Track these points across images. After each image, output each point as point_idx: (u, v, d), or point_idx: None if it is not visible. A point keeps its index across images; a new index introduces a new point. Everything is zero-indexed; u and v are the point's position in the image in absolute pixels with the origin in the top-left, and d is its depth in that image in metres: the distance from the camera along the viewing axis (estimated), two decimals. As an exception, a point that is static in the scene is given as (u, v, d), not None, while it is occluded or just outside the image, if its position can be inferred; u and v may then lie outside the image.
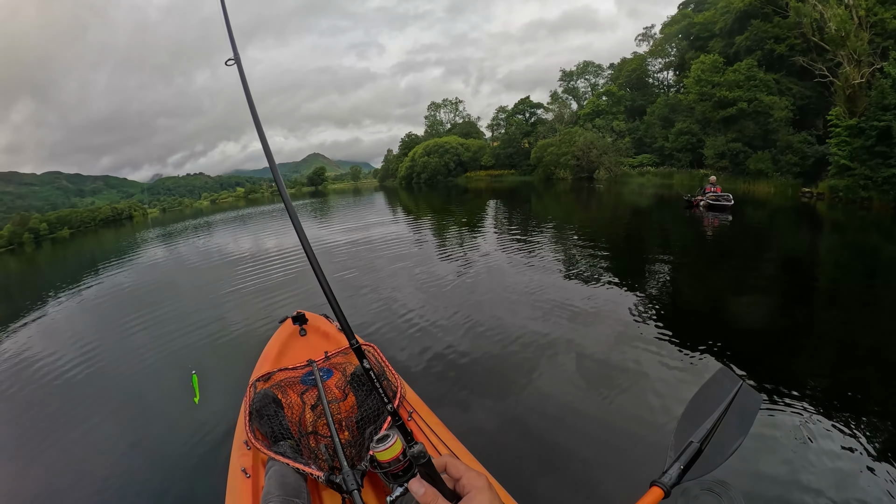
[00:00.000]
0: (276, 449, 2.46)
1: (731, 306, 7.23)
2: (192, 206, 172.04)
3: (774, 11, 32.39)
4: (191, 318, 8.91)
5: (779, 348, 5.52)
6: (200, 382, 4.87)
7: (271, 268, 12.66)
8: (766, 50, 32.96)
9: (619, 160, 46.82)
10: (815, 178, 26.83)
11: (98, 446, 4.80)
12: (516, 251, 11.65)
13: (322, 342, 4.29)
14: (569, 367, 5.16)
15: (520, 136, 68.70)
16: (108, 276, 17.81)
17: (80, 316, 11.49)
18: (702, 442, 1.53)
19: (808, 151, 29.16)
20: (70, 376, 7.02)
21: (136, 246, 29.97)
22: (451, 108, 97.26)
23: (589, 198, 29.52)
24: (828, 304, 7.50)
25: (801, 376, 4.75)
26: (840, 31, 24.02)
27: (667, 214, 20.02)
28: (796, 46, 30.75)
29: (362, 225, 21.40)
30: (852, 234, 14.78)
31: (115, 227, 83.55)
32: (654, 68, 54.98)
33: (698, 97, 36.13)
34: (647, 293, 7.76)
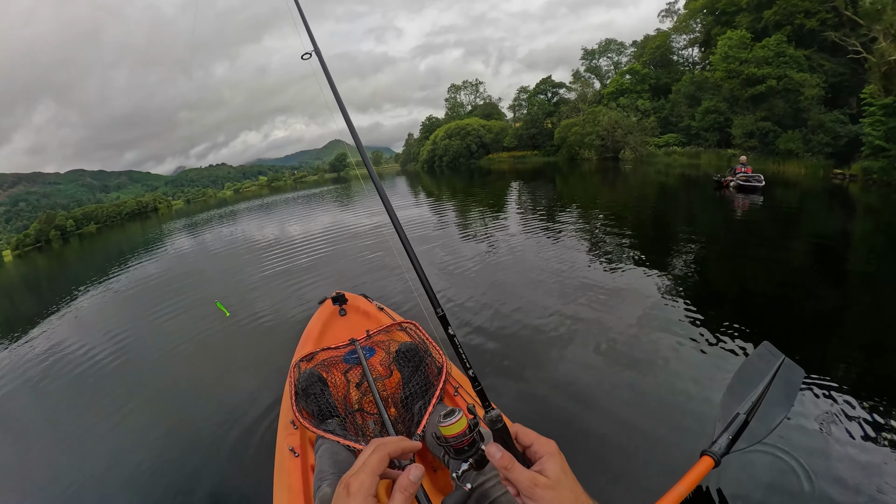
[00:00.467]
0: (324, 427, 2.46)
1: (762, 288, 7.13)
2: (215, 196, 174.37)
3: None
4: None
5: (808, 332, 5.44)
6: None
7: (300, 252, 12.93)
8: (795, 25, 31.80)
9: (645, 140, 46.06)
10: (847, 160, 26.03)
11: (135, 433, 4.93)
12: (541, 232, 11.63)
13: (363, 321, 4.32)
14: (603, 346, 5.15)
15: (542, 116, 67.88)
16: (136, 267, 18.24)
17: (111, 307, 11.87)
18: (748, 414, 1.67)
19: (841, 131, 28.19)
20: (103, 365, 7.30)
21: (162, 237, 30.54)
22: (472, 90, 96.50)
23: (615, 178, 29.10)
24: (860, 289, 7.29)
25: (830, 361, 4.68)
26: (876, 5, 23.16)
27: (694, 195, 19.63)
28: (828, 21, 29.77)
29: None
30: (887, 217, 14.41)
31: (141, 220, 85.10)
32: (678, 45, 53.42)
33: (725, 74, 35.22)
34: (676, 274, 7.73)
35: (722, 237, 10.90)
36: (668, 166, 35.35)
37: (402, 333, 3.45)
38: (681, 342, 5.03)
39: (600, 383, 4.42)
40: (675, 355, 4.76)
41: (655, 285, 7.08)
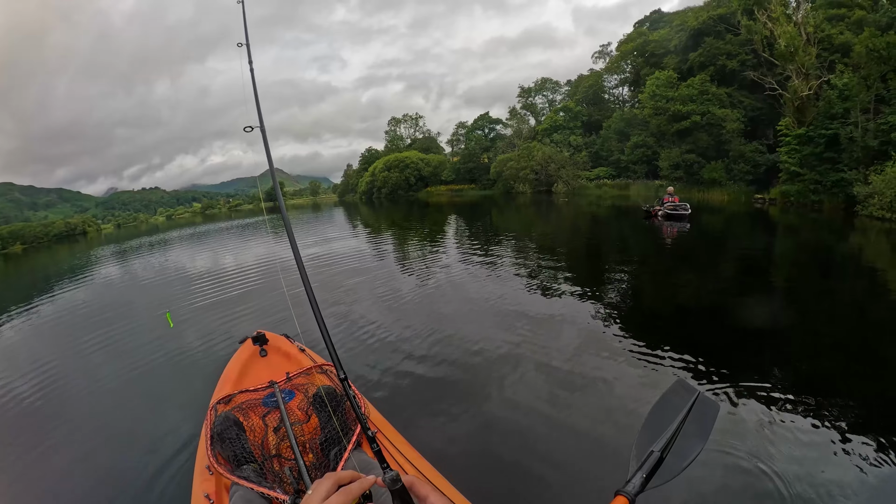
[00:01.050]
0: (239, 473, 2.36)
1: (692, 311, 7.33)
2: (147, 221, 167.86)
3: (727, 29, 34.10)
4: (148, 337, 8.47)
5: (742, 347, 5.60)
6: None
7: (228, 285, 12.14)
8: (718, 65, 34.43)
9: (577, 173, 47.93)
10: (767, 185, 28.13)
11: (54, 471, 4.48)
12: (477, 264, 11.48)
13: (283, 362, 4.20)
14: (531, 379, 5.01)
15: (479, 151, 69.56)
16: (62, 294, 17.00)
17: (34, 336, 10.77)
18: (662, 451, 1.52)
19: (760, 160, 30.65)
20: (22, 398, 6.56)
21: (90, 263, 28.71)
22: (412, 123, 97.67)
23: (548, 210, 29.74)
24: (787, 301, 7.73)
25: (765, 371, 4.81)
26: (789, 47, 25.30)
27: (625, 225, 20.27)
28: (747, 62, 32.45)
29: (321, 240, 20.89)
30: (805, 235, 15.34)
31: (69, 243, 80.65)
32: (610, 84, 56.81)
33: (653, 111, 37.34)
34: (608, 302, 7.73)
35: (651, 263, 11.18)
36: (600, 198, 36.66)
37: (323, 376, 3.35)
38: (610, 372, 5.03)
39: (523, 420, 4.32)
40: (602, 386, 4.74)
41: (588, 313, 7.05)
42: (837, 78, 21.87)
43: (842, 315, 6.81)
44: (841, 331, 6.11)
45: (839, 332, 6.09)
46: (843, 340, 5.74)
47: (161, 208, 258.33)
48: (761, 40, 28.30)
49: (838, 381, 4.66)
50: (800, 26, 26.29)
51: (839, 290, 8.28)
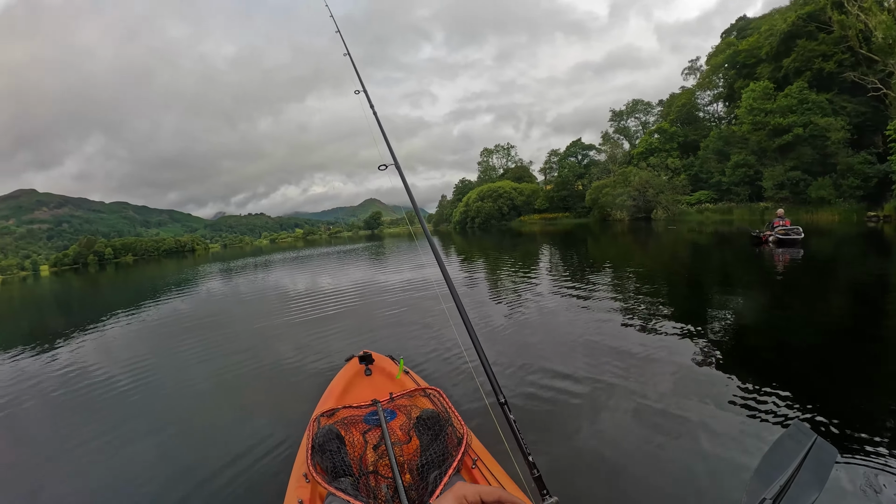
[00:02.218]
0: (336, 485, 2.44)
1: (804, 350, 6.53)
2: (252, 243, 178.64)
3: (818, 28, 31.70)
4: (247, 349, 8.94)
5: (856, 393, 4.95)
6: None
7: (330, 305, 12.52)
8: (814, 69, 32.02)
9: (677, 198, 45.65)
10: (879, 200, 25.46)
11: (139, 463, 4.85)
12: (571, 294, 11.00)
13: (387, 383, 4.30)
14: (625, 416, 4.81)
15: (573, 178, 68.62)
16: (166, 302, 18.33)
17: (136, 336, 11.78)
18: (774, 499, 1.47)
19: (870, 172, 27.75)
20: (119, 390, 7.21)
21: (196, 277, 30.73)
22: (504, 154, 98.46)
23: (647, 238, 28.11)
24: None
25: (878, 421, 4.27)
26: (887, 39, 23.11)
27: (729, 253, 18.56)
28: (845, 62, 29.97)
29: (416, 265, 21.31)
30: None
31: (178, 258, 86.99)
32: (703, 101, 54.32)
33: (752, 127, 35.23)
34: (710, 339, 6.97)
35: (759, 295, 10.09)
36: (701, 224, 34.52)
37: (426, 400, 3.38)
38: (713, 413, 4.70)
39: (621, 457, 4.09)
40: (706, 428, 4.41)
41: (689, 350, 6.54)
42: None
43: None
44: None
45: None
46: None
47: (265, 232, 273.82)
48: (856, 35, 26.22)
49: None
50: (895, 13, 24.17)
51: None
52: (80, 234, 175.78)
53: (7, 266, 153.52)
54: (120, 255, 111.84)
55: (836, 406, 4.58)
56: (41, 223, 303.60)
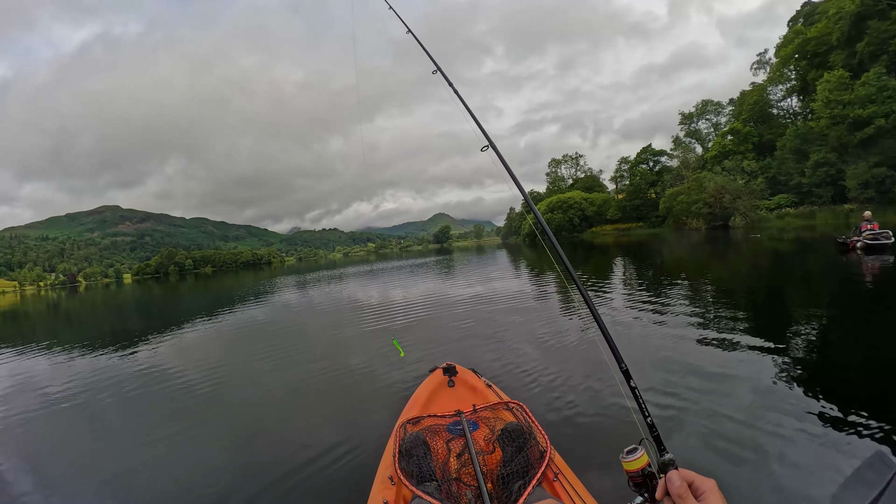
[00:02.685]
0: (422, 488, 2.52)
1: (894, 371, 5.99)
2: (326, 257, 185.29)
3: (889, 6, 29.23)
4: (323, 358, 9.13)
5: None
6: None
7: (406, 317, 12.72)
8: (891, 52, 29.61)
9: (755, 203, 43.02)
10: None
11: (216, 460, 5.06)
12: (645, 309, 10.38)
13: (469, 395, 4.36)
14: (700, 434, 4.58)
15: (645, 186, 66.51)
16: (243, 310, 19.13)
17: (214, 341, 12.36)
18: None
19: None
20: (196, 390, 7.60)
21: (273, 288, 31.89)
22: (572, 163, 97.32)
23: (725, 248, 26.59)
24: None
25: None
26: None
27: (812, 261, 17.06)
28: None
29: (484, 279, 21.26)
30: None
31: (254, 270, 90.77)
32: (775, 97, 51.03)
33: (830, 121, 32.92)
34: (791, 356, 6.47)
35: (846, 309, 9.13)
36: (782, 230, 32.13)
37: (508, 413, 3.43)
38: (791, 435, 4.35)
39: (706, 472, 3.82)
40: (781, 451, 4.09)
41: (768, 367, 6.08)
42: None
43: None
44: None
45: None
46: None
47: (339, 246, 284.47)
48: None
49: None
50: None
51: None
52: (161, 247, 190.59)
53: (91, 273, 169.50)
54: (199, 266, 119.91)
55: None
56: (124, 236, 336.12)
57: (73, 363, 10.80)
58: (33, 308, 42.23)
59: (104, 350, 12.00)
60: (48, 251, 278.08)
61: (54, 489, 4.72)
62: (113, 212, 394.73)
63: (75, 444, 5.91)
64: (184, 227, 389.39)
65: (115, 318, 24.18)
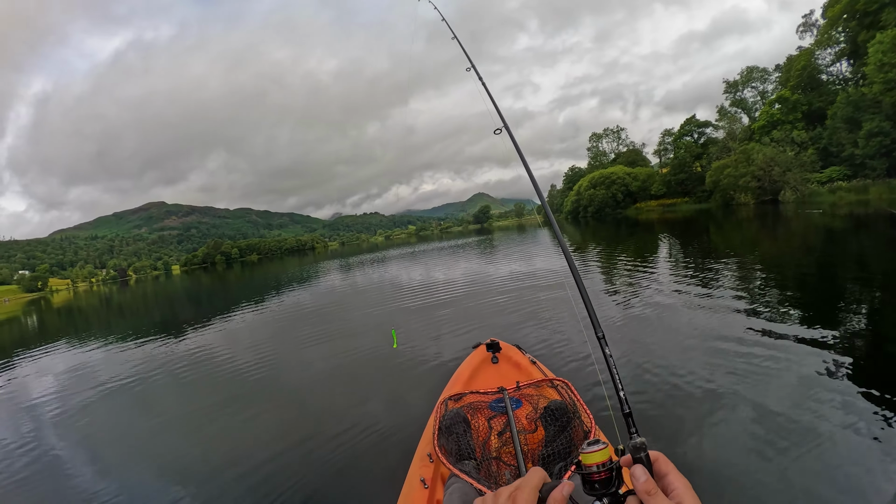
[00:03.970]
0: (460, 467, 2.44)
1: None
2: (367, 240, 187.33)
3: None
4: (366, 337, 9.54)
5: None
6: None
7: (451, 297, 13.00)
8: None
9: (805, 176, 41.15)
10: None
11: (261, 437, 5.32)
12: (691, 290, 10.26)
13: (513, 371, 4.34)
14: (749, 430, 4.37)
15: (690, 159, 64.30)
16: (290, 295, 19.97)
17: (262, 325, 12.99)
18: None
19: None
20: (244, 371, 8.07)
21: (318, 272, 33.13)
22: (614, 137, 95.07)
23: (775, 224, 25.24)
24: None
25: None
26: None
27: (866, 239, 16.03)
28: None
29: (525, 256, 21.69)
30: None
31: (299, 256, 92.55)
32: (824, 62, 48.11)
33: (884, 87, 31.17)
34: (846, 339, 6.22)
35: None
36: (834, 205, 30.53)
37: (553, 391, 3.31)
38: (848, 431, 4.12)
39: (742, 473, 3.77)
40: (837, 445, 3.93)
41: (823, 352, 5.84)
42: None
43: None
44: None
45: None
46: None
47: (380, 230, 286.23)
48: None
49: None
50: None
51: None
52: (207, 238, 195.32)
53: (141, 266, 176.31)
54: (245, 255, 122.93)
55: None
56: (171, 230, 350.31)
57: (127, 353, 11.54)
58: (86, 303, 44.90)
59: (157, 339, 12.83)
60: (98, 249, 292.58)
61: (115, 472, 5.05)
62: (158, 208, 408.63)
63: (133, 430, 6.29)
64: (228, 218, 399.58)
65: (166, 309, 25.67)
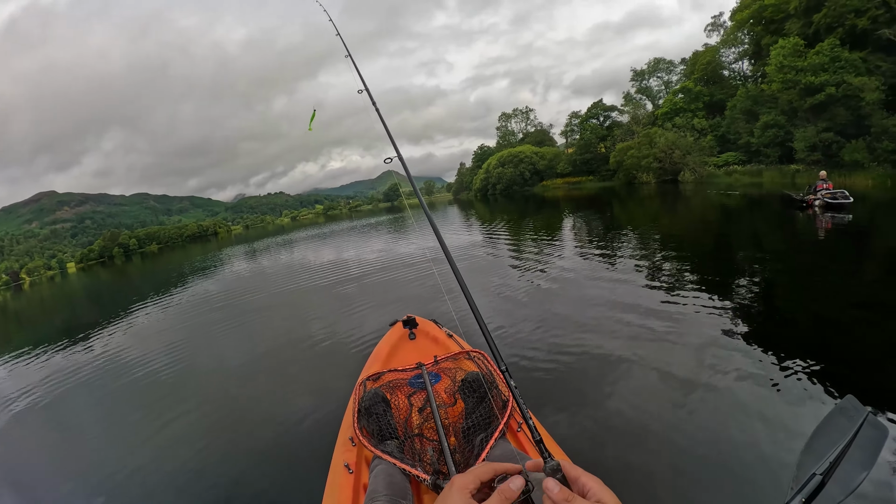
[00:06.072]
0: (382, 448, 2.48)
1: (852, 322, 6.09)
2: (273, 222, 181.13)
3: None
4: (281, 325, 9.34)
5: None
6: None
7: (361, 278, 12.99)
8: (847, 26, 30.80)
9: (704, 160, 44.92)
10: None
11: (184, 438, 5.10)
12: (596, 262, 11.09)
13: (431, 346, 4.33)
14: (661, 382, 4.76)
15: (596, 140, 67.36)
16: (195, 286, 19.02)
17: (170, 321, 12.31)
18: (825, 475, 1.49)
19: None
20: (158, 373, 7.64)
21: (221, 260, 31.64)
22: (523, 118, 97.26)
23: (674, 201, 27.81)
24: None
25: None
26: None
27: (759, 216, 18.08)
28: (880, 18, 28.89)
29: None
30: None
31: (202, 243, 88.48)
32: (728, 59, 52.61)
33: (782, 86, 34.22)
34: (743, 304, 6.97)
35: (796, 262, 9.77)
36: (730, 186, 33.67)
37: (470, 363, 3.35)
38: (748, 382, 4.54)
39: (659, 424, 4.05)
40: (740, 396, 4.31)
41: (720, 317, 6.41)
42: None
43: None
44: None
45: None
46: None
47: (286, 210, 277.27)
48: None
49: None
50: None
51: None
52: (103, 229, 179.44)
53: (34, 268, 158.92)
54: (144, 245, 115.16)
55: (886, 382, 4.43)
56: (64, 223, 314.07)
57: (30, 367, 10.23)
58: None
59: (62, 347, 11.52)
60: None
61: (28, 498, 4.73)
62: (50, 198, 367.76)
63: (46, 451, 5.81)
64: (125, 206, 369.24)
65: (68, 313, 23.31)
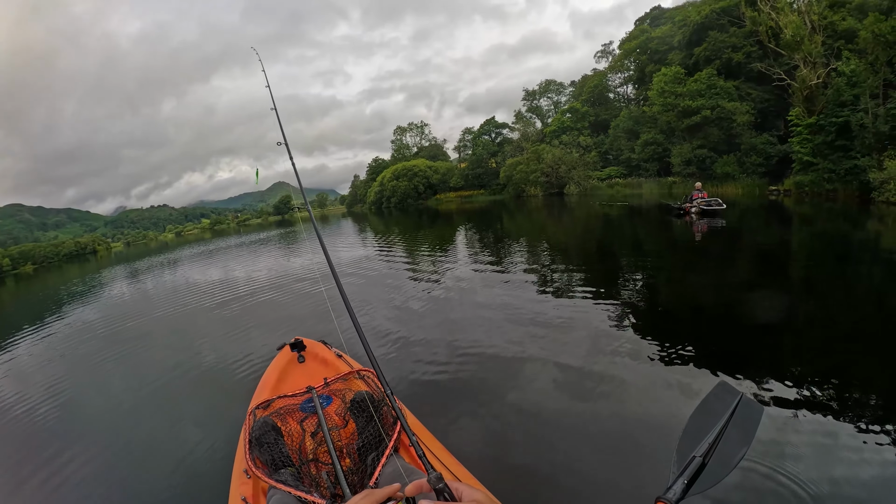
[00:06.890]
0: (276, 477, 2.40)
1: (716, 309, 7.10)
2: (156, 239, 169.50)
3: (730, 22, 34.26)
4: (169, 354, 8.43)
5: (768, 342, 5.49)
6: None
7: (247, 299, 11.97)
8: (724, 59, 34.56)
9: (588, 174, 47.96)
10: (780, 177, 28.17)
11: (75, 485, 4.55)
12: (489, 270, 11.35)
13: (321, 368, 4.24)
14: (549, 383, 4.93)
15: (487, 156, 69.67)
16: (75, 313, 17.10)
17: (48, 355, 10.60)
18: (704, 456, 1.53)
19: (772, 151, 30.82)
20: (38, 415, 6.50)
21: (102, 283, 28.80)
22: (418, 132, 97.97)
23: (561, 212, 29.31)
24: (808, 293, 7.61)
25: (789, 366, 4.74)
26: (795, 37, 25.43)
27: (639, 224, 19.97)
28: (753, 54, 32.58)
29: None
30: (822, 225, 15.28)
31: (80, 262, 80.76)
32: (614, 83, 57.22)
33: (662, 108, 37.46)
34: (627, 302, 7.54)
35: (675, 261, 10.93)
36: (612, 197, 36.29)
37: (360, 382, 3.38)
38: (633, 375, 4.85)
39: (552, 422, 4.21)
40: (626, 390, 4.59)
41: (607, 316, 6.82)
42: (844, 65, 21.97)
43: (862, 302, 6.79)
44: (863, 318, 6.06)
45: (861, 319, 6.03)
46: (867, 327, 5.71)
47: (170, 225, 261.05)
48: (766, 31, 28.46)
49: (864, 370, 4.58)
50: (804, 15, 26.50)
51: (859, 276, 8.30)
52: None
53: None
54: (18, 266, 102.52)
55: (753, 357, 4.96)
56: None
57: None
58: None
59: None
60: None
61: None
62: None
63: None
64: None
65: None
